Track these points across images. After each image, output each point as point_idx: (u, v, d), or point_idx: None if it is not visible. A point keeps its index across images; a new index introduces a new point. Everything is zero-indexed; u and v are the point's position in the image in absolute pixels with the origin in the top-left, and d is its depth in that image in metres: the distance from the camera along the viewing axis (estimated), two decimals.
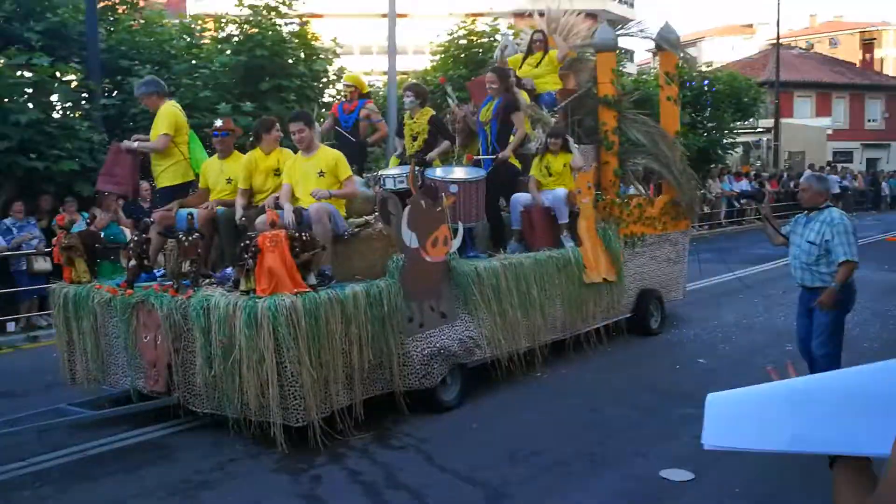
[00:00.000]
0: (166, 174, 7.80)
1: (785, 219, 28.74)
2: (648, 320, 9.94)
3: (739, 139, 31.90)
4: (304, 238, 6.23)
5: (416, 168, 8.33)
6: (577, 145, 9.38)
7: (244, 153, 7.68)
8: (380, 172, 8.83)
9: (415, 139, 9.11)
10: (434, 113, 9.25)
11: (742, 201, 25.84)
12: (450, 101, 10.30)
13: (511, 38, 12.89)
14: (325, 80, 17.29)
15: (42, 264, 11.08)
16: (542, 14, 11.26)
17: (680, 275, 10.84)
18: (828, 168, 32.91)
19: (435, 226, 7.05)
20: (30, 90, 12.77)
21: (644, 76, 28.22)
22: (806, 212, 6.48)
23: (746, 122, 31.56)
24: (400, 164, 9.27)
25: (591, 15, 21.28)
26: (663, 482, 5.26)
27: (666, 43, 10.45)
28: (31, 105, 12.48)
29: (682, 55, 12.14)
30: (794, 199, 30.56)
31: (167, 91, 7.98)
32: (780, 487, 5.03)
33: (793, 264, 6.56)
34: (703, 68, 28.87)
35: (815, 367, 6.18)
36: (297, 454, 5.95)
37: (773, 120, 34.81)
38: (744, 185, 27.48)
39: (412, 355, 6.78)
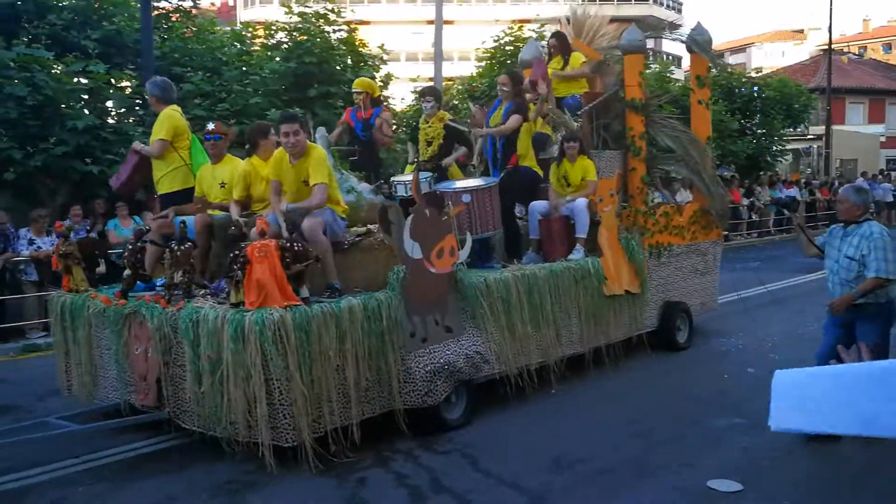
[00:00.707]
0: (165, 180, 7.51)
1: None
2: (674, 334, 9.39)
3: (789, 146, 31.37)
4: (297, 248, 5.90)
5: (431, 174, 8.06)
6: (600, 150, 9.00)
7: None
8: (392, 179, 8.53)
9: (429, 144, 8.79)
10: (450, 117, 8.93)
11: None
12: (470, 104, 10.03)
13: (538, 42, 12.32)
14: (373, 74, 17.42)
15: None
16: (569, 20, 10.79)
17: (710, 286, 10.30)
18: (880, 176, 32.16)
19: (440, 236, 6.70)
20: (86, 96, 13.13)
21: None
22: (843, 224, 6.16)
23: (797, 129, 31.06)
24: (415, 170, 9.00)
25: (637, 21, 21.17)
26: (711, 493, 5.15)
27: (696, 45, 9.99)
28: (87, 111, 12.86)
29: (714, 58, 11.59)
30: None
31: (172, 98, 7.72)
32: (831, 498, 4.93)
33: (830, 279, 6.22)
34: (753, 74, 28.53)
35: None
36: (342, 456, 5.91)
37: (824, 127, 34.06)
38: (793, 192, 27.03)
39: (414, 372, 6.38)
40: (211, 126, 7.29)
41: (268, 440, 5.62)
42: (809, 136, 36.09)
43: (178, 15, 17.03)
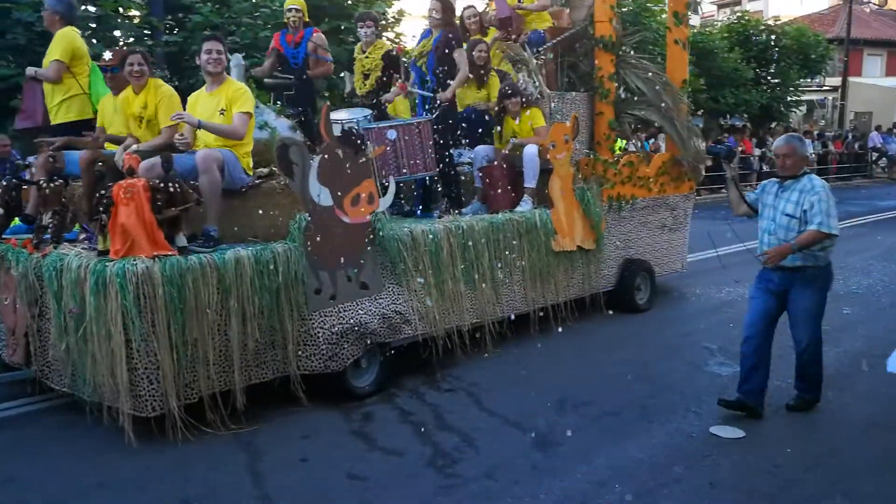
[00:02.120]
0: (60, 108, 6.71)
1: (847, 182, 28.19)
2: (633, 294, 8.56)
3: (804, 97, 30.95)
4: (172, 189, 5.10)
5: (370, 112, 7.16)
6: (550, 92, 7.99)
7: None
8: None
9: (366, 77, 7.82)
10: (390, 48, 7.93)
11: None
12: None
13: None
14: (383, 22, 17.14)
15: None
16: None
17: (679, 244, 9.40)
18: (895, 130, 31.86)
19: (356, 180, 5.88)
20: (94, 25, 12.91)
21: (708, 28, 27.49)
22: (779, 179, 5.50)
23: (813, 80, 30.61)
24: (351, 106, 7.93)
25: None
26: (713, 438, 5.10)
27: None
28: (94, 40, 12.61)
29: None
30: (857, 160, 29.79)
31: (75, 18, 6.94)
32: (832, 449, 4.95)
33: (763, 240, 5.53)
34: (770, 22, 28.01)
35: (798, 357, 5.57)
36: (346, 392, 5.89)
37: (840, 78, 33.09)
38: (807, 143, 26.64)
39: (317, 333, 5.63)
40: (108, 55, 6.54)
41: (128, 408, 4.88)
42: (825, 88, 35.45)
43: None
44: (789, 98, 26.90)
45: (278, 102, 7.78)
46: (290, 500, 4.37)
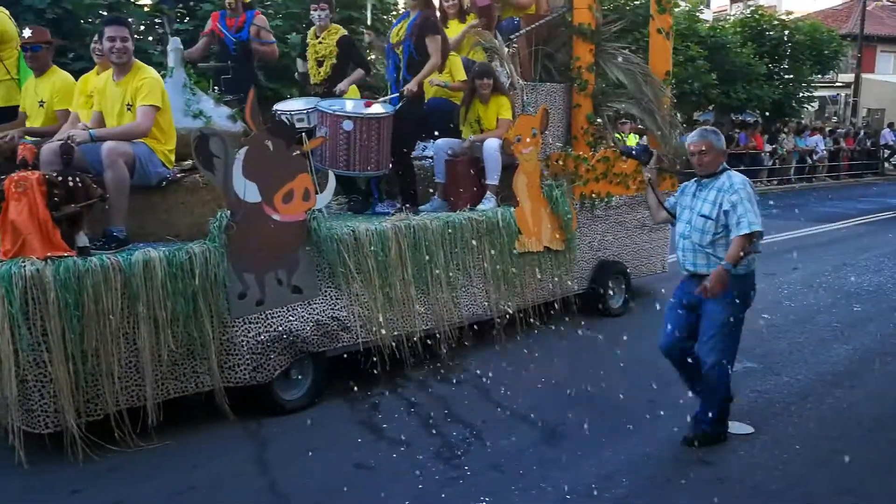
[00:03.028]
0: None
1: (859, 179, 28.02)
2: (606, 298, 8.01)
3: (816, 93, 30.76)
4: (72, 184, 4.58)
5: (319, 101, 6.59)
6: (522, 83, 7.47)
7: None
8: (275, 107, 6.93)
9: (320, 64, 7.28)
10: (346, 33, 7.35)
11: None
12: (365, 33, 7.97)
13: None
14: (395, 12, 17.08)
15: None
16: None
17: (659, 244, 8.81)
18: None
19: (289, 174, 5.33)
20: (104, 13, 12.91)
21: (720, 23, 27.32)
22: (697, 179, 4.95)
23: (825, 76, 30.39)
24: (303, 95, 7.42)
25: None
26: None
27: None
28: None
29: None
30: (870, 157, 29.60)
31: None
32: (841, 448, 4.92)
33: (680, 246, 4.93)
34: (784, 17, 27.82)
35: (703, 380, 4.88)
36: (355, 382, 5.83)
37: (853, 75, 32.55)
38: (818, 140, 26.58)
39: (240, 342, 5.10)
40: (28, 33, 5.91)
41: (18, 423, 4.37)
42: (837, 84, 35.23)
43: None
44: (801, 94, 26.65)
45: (216, 89, 7.18)
46: (297, 489, 4.31)
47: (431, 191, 7.31)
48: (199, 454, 4.78)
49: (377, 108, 6.48)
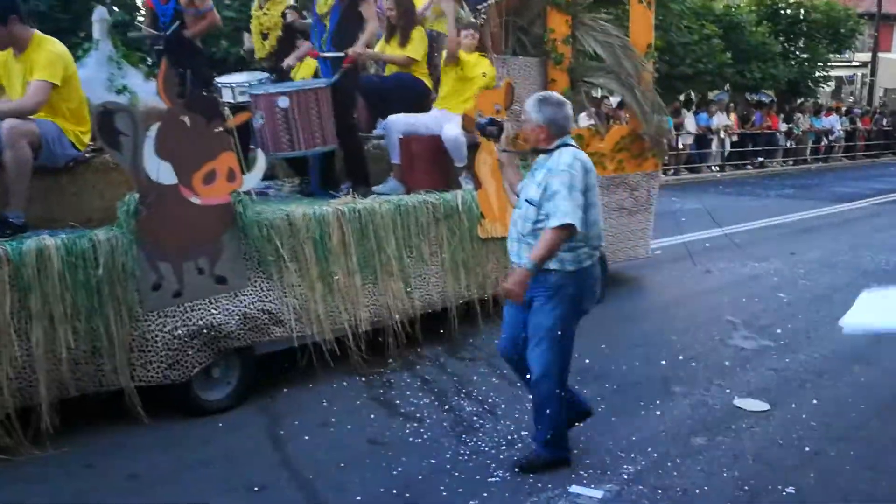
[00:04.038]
0: None
1: (875, 160, 27.74)
2: None
3: (832, 73, 30.44)
4: None
5: (268, 76, 6.25)
6: (509, 55, 7.06)
7: None
8: (217, 80, 6.41)
9: (265, 37, 6.97)
10: (293, 3, 6.98)
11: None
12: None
13: None
14: None
15: None
16: None
17: (641, 228, 8.29)
18: None
19: (210, 154, 4.86)
20: None
21: (736, 1, 27.02)
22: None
23: (842, 55, 30.08)
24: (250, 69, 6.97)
25: None
26: (737, 411, 5.00)
27: None
28: (115, 8, 12.62)
29: None
30: (887, 137, 29.28)
31: None
32: (857, 424, 4.87)
33: (510, 234, 4.25)
34: None
35: (533, 393, 4.21)
36: (369, 358, 5.75)
37: (870, 54, 32.38)
38: (833, 120, 26.31)
39: (154, 337, 4.63)
40: None
41: None
42: (854, 63, 34.85)
43: None
44: (817, 73, 26.41)
45: (147, 61, 6.71)
46: (310, 464, 4.28)
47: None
48: (212, 429, 4.77)
49: (315, 81, 6.15)
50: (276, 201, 5.88)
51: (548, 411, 4.11)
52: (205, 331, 4.82)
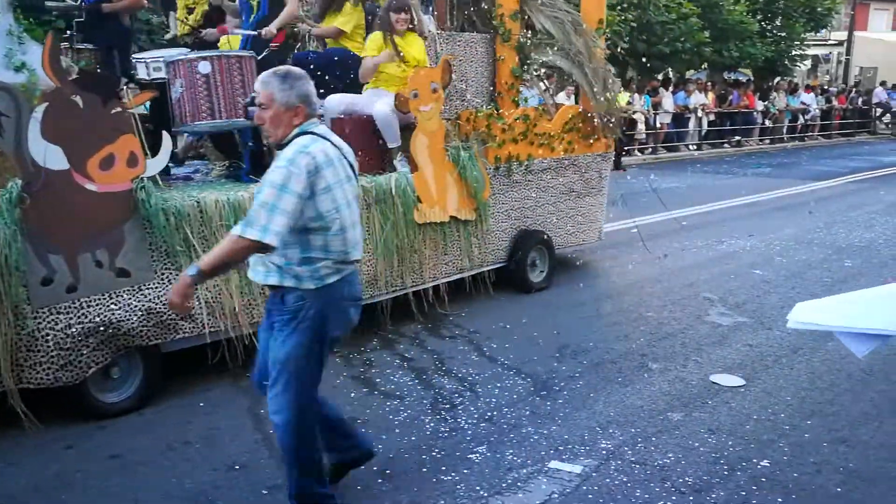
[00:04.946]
0: None
1: (851, 138, 27.92)
2: (526, 272, 7.16)
3: (809, 52, 30.57)
4: None
5: (185, 51, 5.76)
6: (435, 31, 6.68)
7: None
8: (134, 57, 5.93)
9: (190, 11, 6.63)
10: None
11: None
12: None
13: None
14: None
15: None
16: None
17: (593, 211, 7.94)
18: None
19: (107, 136, 4.47)
20: None
21: None
22: None
23: (818, 34, 30.20)
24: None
25: None
26: (713, 387, 5.07)
27: None
28: None
29: None
30: (862, 116, 29.49)
31: None
32: (831, 398, 4.93)
33: None
34: None
35: (278, 438, 3.45)
36: (348, 337, 5.94)
37: (846, 32, 32.49)
38: (809, 98, 26.44)
39: (45, 336, 4.27)
40: None
41: None
42: (830, 42, 35.00)
43: None
44: (794, 52, 26.54)
45: (68, 35, 6.16)
46: None
47: None
48: (193, 409, 4.77)
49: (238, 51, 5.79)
50: (196, 186, 5.49)
51: (296, 462, 3.42)
52: (102, 328, 4.45)
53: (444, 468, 4.05)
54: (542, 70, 8.06)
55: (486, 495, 3.79)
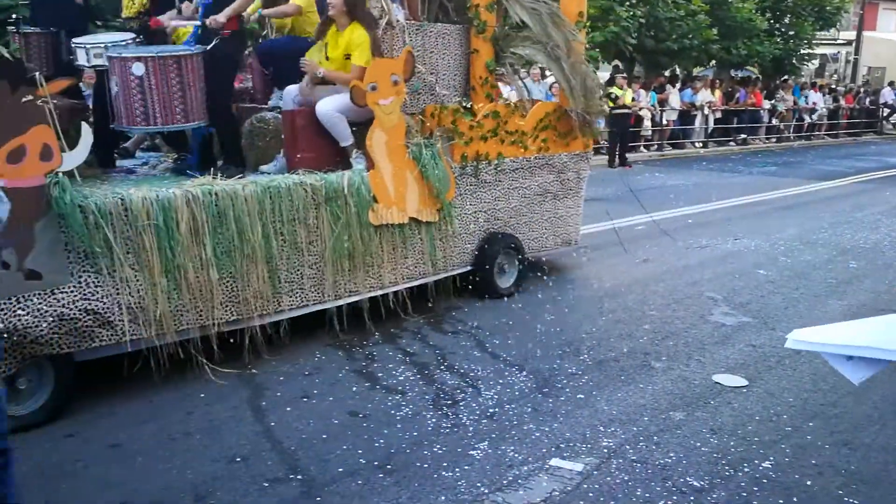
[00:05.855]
0: None
1: (857, 138, 27.83)
2: (492, 277, 6.77)
3: (817, 51, 30.47)
4: None
5: (134, 38, 5.57)
6: (404, 22, 6.26)
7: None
8: (73, 41, 5.53)
9: None
10: None
11: None
12: None
13: None
14: None
15: None
16: None
17: (569, 213, 7.57)
18: None
19: (16, 128, 4.14)
20: None
21: None
22: None
23: (827, 32, 30.13)
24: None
25: None
26: (716, 386, 5.05)
27: None
28: None
29: None
30: (869, 116, 29.37)
31: None
32: (833, 401, 4.91)
33: None
34: None
35: None
36: (351, 331, 5.85)
37: (854, 32, 32.53)
38: (817, 97, 26.34)
39: None
40: None
41: None
42: (839, 41, 34.91)
43: None
44: (802, 51, 26.48)
45: (15, 18, 6.05)
46: (291, 436, 4.29)
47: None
48: (194, 400, 4.77)
49: (180, 47, 5.49)
50: (132, 181, 5.26)
51: None
52: (6, 335, 4.08)
53: (445, 464, 4.04)
54: (525, 65, 7.86)
55: (487, 492, 3.78)
